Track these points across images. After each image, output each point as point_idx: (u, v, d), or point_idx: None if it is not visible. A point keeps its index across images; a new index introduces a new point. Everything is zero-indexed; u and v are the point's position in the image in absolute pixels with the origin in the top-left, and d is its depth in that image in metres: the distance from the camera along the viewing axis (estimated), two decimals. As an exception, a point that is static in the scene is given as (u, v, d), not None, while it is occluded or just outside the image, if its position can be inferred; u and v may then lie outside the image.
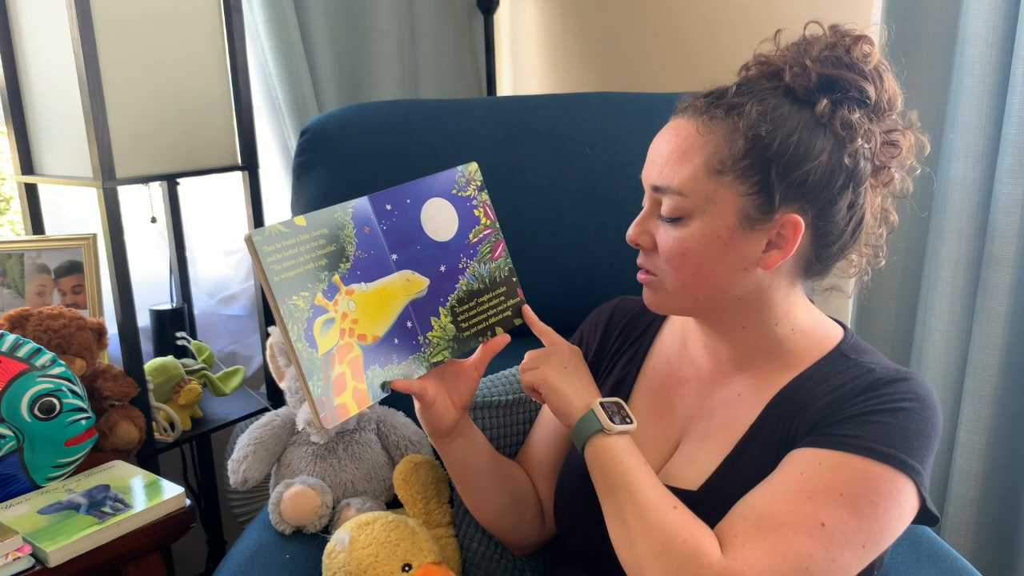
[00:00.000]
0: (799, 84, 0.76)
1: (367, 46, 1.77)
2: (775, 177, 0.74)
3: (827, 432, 0.73)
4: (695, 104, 0.78)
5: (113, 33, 1.27)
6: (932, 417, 0.74)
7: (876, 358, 0.80)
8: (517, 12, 2.05)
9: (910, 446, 0.71)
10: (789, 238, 0.76)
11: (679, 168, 0.76)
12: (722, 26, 1.72)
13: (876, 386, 0.75)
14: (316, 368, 0.72)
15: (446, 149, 1.28)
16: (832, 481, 0.70)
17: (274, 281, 0.70)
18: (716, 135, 0.75)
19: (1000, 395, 1.34)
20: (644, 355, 0.94)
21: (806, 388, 0.78)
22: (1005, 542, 1.41)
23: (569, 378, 0.83)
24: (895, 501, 0.70)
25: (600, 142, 1.28)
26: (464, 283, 0.84)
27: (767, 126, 0.74)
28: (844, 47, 0.78)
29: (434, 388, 0.84)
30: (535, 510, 0.97)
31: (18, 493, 1.09)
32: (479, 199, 0.86)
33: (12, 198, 1.84)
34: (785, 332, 0.82)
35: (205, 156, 1.44)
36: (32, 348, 1.12)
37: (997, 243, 1.28)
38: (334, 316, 0.74)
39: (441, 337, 0.82)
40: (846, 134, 0.75)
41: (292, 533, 1.09)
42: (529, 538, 0.98)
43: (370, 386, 0.76)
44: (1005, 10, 1.24)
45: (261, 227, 0.71)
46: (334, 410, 0.73)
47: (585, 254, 1.27)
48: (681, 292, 0.79)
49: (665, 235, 0.78)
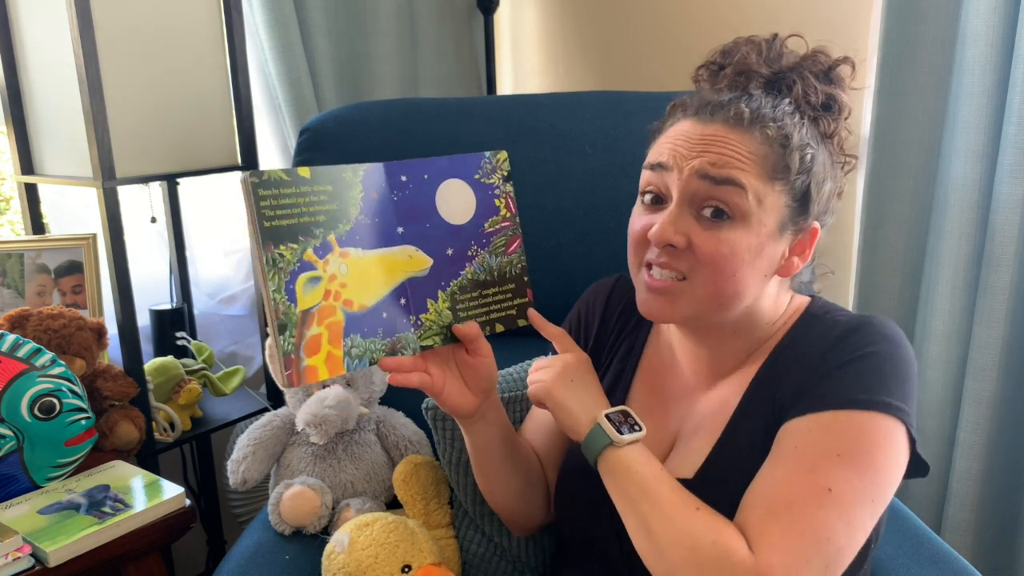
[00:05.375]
0: (808, 99, 0.80)
1: (367, 46, 1.77)
2: (814, 189, 0.78)
3: (808, 396, 0.74)
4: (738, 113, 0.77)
5: (113, 33, 1.27)
6: (903, 353, 0.75)
7: (843, 312, 0.82)
8: (517, 12, 2.05)
9: (888, 387, 0.72)
10: (807, 245, 0.80)
11: (740, 166, 0.75)
12: (722, 26, 1.72)
13: (843, 337, 0.76)
14: (291, 323, 0.69)
15: (445, 148, 1.28)
16: (826, 445, 0.70)
17: (263, 226, 0.68)
18: (768, 146, 0.76)
19: (1000, 395, 1.34)
20: (642, 345, 0.94)
21: (782, 359, 0.80)
22: (1005, 542, 1.41)
23: (575, 392, 0.82)
24: (891, 445, 0.71)
25: (600, 141, 1.28)
26: (470, 271, 0.81)
27: (810, 141, 0.78)
28: (827, 65, 0.83)
29: (440, 375, 0.82)
30: (545, 492, 0.97)
31: (18, 493, 1.09)
32: (503, 189, 0.84)
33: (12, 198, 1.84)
34: (762, 331, 0.84)
35: (205, 156, 1.44)
36: (32, 348, 1.12)
37: (997, 243, 1.28)
38: (321, 275, 0.71)
39: (435, 321, 0.79)
40: (837, 149, 0.82)
41: (292, 534, 1.09)
42: (535, 520, 0.98)
43: (347, 355, 0.72)
44: (1005, 10, 1.24)
45: (260, 170, 0.69)
46: (302, 371, 0.69)
47: (585, 253, 1.27)
48: (708, 299, 0.78)
49: (707, 237, 0.76)
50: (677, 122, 0.81)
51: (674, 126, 0.81)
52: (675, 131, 0.80)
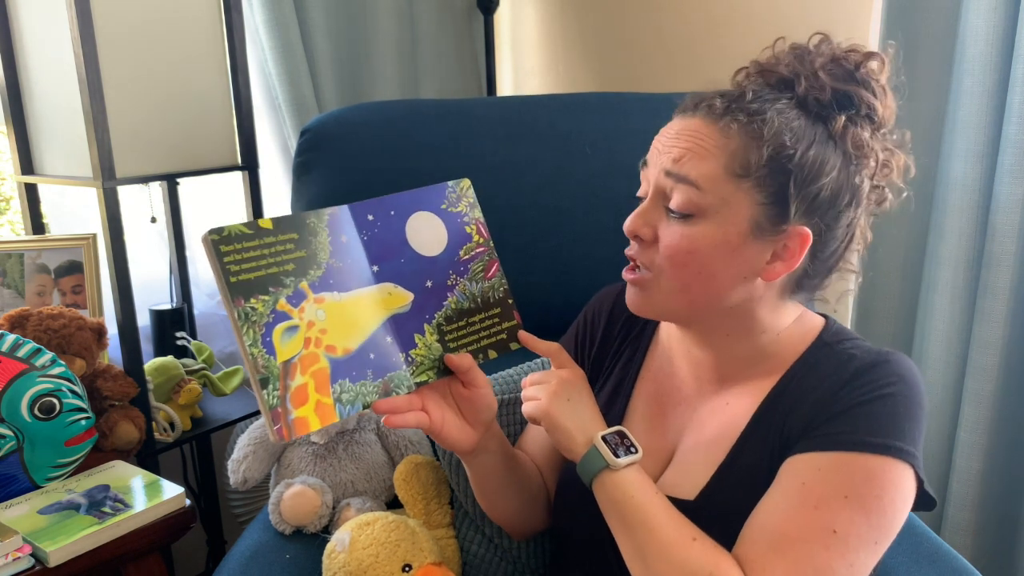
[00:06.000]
0: (813, 97, 0.76)
1: (367, 46, 1.77)
2: (793, 189, 0.73)
3: (819, 433, 0.72)
4: (712, 105, 0.76)
5: (113, 33, 1.27)
6: (917, 395, 0.74)
7: (857, 343, 0.80)
8: (517, 12, 2.05)
9: (902, 431, 0.71)
10: (795, 251, 0.75)
11: (699, 163, 0.74)
12: (723, 26, 1.72)
13: (858, 374, 0.74)
14: (273, 376, 0.68)
15: (446, 149, 1.28)
16: (834, 484, 0.69)
17: (230, 282, 0.67)
18: (737, 139, 0.74)
19: (1000, 395, 1.34)
20: (643, 356, 0.93)
21: (792, 386, 0.78)
22: (1005, 542, 1.41)
23: (571, 411, 0.79)
24: (898, 490, 0.70)
25: (600, 142, 1.28)
26: (453, 300, 0.80)
27: (790, 136, 0.73)
28: (853, 62, 0.77)
29: (438, 412, 0.80)
30: (545, 502, 0.96)
31: (18, 493, 1.09)
32: (471, 216, 0.83)
33: (12, 198, 1.84)
34: (770, 339, 0.81)
35: (205, 156, 1.44)
36: (32, 348, 1.12)
37: (997, 243, 1.28)
38: (298, 324, 0.70)
39: (425, 356, 0.78)
40: (856, 152, 0.75)
41: (292, 533, 1.09)
42: (535, 527, 0.98)
43: (337, 401, 0.71)
44: (1005, 10, 1.24)
45: (220, 227, 0.68)
46: (291, 423, 0.68)
47: (585, 254, 1.27)
48: (676, 293, 0.77)
49: (671, 231, 0.75)
50: (672, 118, 0.81)
51: (669, 122, 0.81)
52: (665, 127, 0.80)
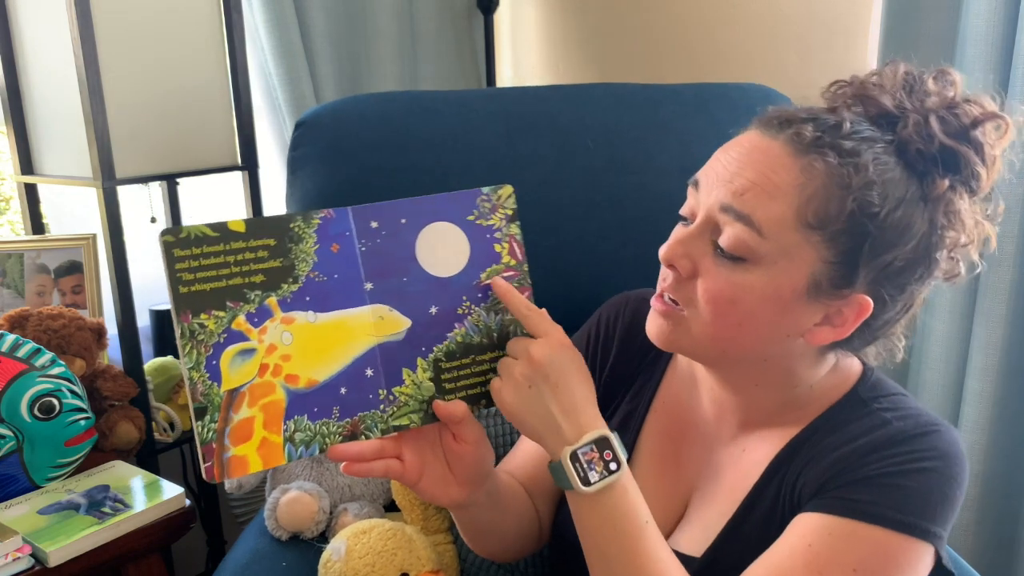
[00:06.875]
0: (916, 147, 0.65)
1: (367, 46, 1.77)
2: (866, 253, 0.64)
3: (837, 495, 0.65)
4: (800, 132, 0.64)
5: (113, 33, 1.27)
6: (958, 474, 0.65)
7: (897, 402, 0.70)
8: (517, 12, 2.05)
9: (933, 511, 0.63)
10: (849, 319, 0.66)
11: (767, 202, 0.63)
12: (723, 26, 1.71)
13: (894, 443, 0.65)
14: (213, 406, 0.59)
15: (445, 143, 1.25)
16: (844, 555, 0.62)
17: (179, 292, 0.58)
18: (819, 181, 0.63)
19: (1000, 395, 1.34)
20: (657, 384, 0.84)
21: (814, 440, 0.70)
22: (1005, 542, 1.41)
23: (538, 404, 0.64)
24: (913, 571, 0.64)
25: (602, 136, 1.26)
26: (460, 332, 0.67)
27: (879, 192, 0.63)
28: (971, 117, 0.66)
29: (416, 462, 0.67)
30: (536, 531, 0.87)
31: (18, 493, 1.09)
32: (505, 231, 0.68)
33: (12, 198, 1.84)
34: (803, 391, 0.73)
35: (205, 156, 1.43)
36: (32, 348, 1.12)
37: (997, 243, 1.28)
38: (255, 346, 0.60)
39: (412, 396, 0.65)
40: (945, 222, 0.66)
41: (288, 539, 1.08)
42: (522, 555, 0.91)
43: (288, 440, 0.61)
44: (1005, 10, 1.24)
45: (178, 227, 0.58)
46: (226, 462, 0.59)
47: (587, 251, 1.26)
48: (708, 341, 0.68)
49: (716, 273, 0.65)
50: (745, 130, 0.69)
51: (740, 134, 0.69)
52: (733, 141, 0.69)
